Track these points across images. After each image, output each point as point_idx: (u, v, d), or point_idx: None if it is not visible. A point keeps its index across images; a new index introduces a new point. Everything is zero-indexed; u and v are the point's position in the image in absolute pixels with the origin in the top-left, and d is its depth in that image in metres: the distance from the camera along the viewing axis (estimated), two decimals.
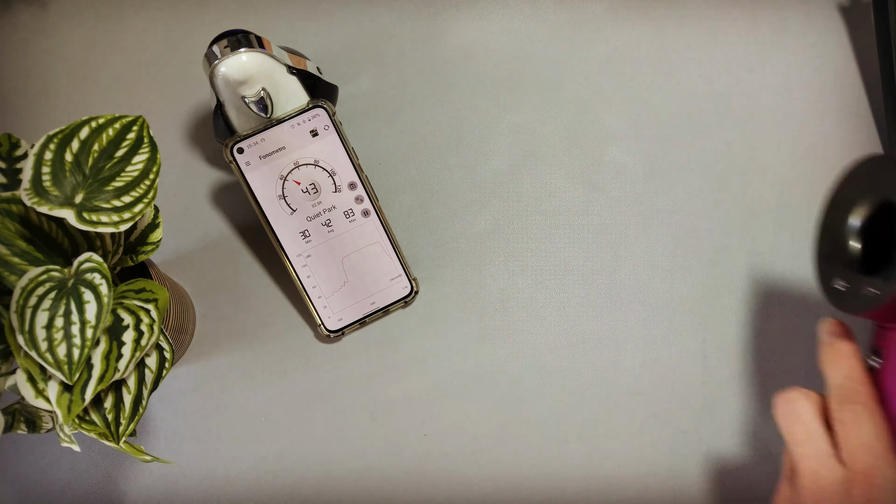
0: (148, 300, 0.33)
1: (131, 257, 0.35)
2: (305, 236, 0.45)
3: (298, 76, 0.43)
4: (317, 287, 0.45)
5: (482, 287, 0.48)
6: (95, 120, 0.32)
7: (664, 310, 0.47)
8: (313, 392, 0.47)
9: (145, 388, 0.33)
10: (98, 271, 0.30)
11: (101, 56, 0.49)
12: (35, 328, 0.28)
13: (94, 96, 0.49)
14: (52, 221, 0.31)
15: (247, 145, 0.43)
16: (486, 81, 0.50)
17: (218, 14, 0.50)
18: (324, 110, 0.44)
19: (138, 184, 0.32)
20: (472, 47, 0.50)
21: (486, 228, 0.49)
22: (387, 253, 0.46)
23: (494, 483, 0.46)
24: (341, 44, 0.50)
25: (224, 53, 0.40)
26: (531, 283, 0.48)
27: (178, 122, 0.49)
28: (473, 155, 0.49)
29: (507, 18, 0.50)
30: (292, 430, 0.47)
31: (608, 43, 0.50)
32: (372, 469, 0.46)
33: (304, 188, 0.44)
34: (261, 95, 0.42)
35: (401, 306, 0.47)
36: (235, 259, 0.48)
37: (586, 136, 0.49)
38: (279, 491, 0.46)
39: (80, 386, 0.30)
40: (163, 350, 0.34)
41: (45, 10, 0.50)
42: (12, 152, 0.33)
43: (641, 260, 0.48)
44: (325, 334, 0.46)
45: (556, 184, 0.49)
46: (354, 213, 0.45)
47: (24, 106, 0.49)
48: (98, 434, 0.32)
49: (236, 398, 0.47)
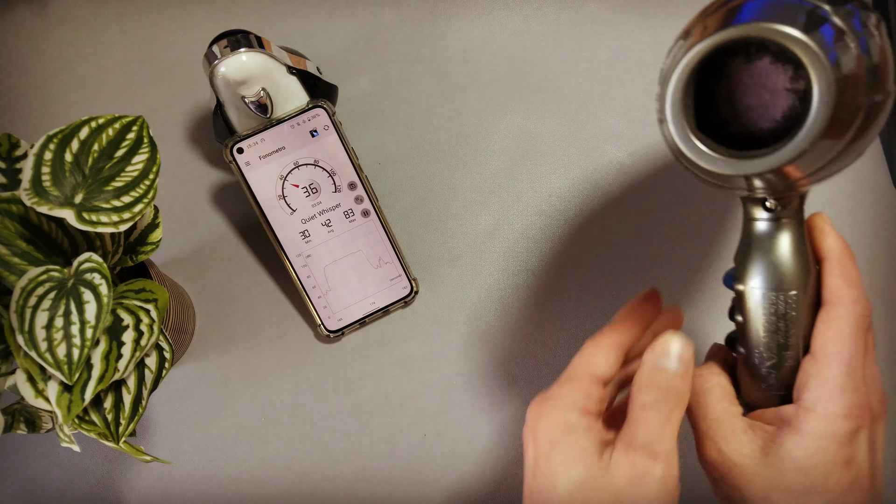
0: (148, 300, 0.33)
1: (131, 257, 0.35)
2: (305, 236, 0.45)
3: (298, 76, 0.43)
4: (317, 287, 0.45)
5: (482, 287, 0.48)
6: (95, 120, 0.32)
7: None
8: (313, 392, 0.47)
9: (145, 388, 0.33)
10: (98, 271, 0.30)
11: (100, 56, 0.49)
12: (35, 328, 0.28)
13: (94, 96, 0.49)
14: (51, 221, 0.31)
15: (247, 145, 0.43)
16: (486, 81, 0.50)
17: (218, 14, 0.50)
18: (324, 110, 0.44)
19: (138, 184, 0.32)
20: (472, 47, 0.50)
21: (486, 228, 0.48)
22: (387, 253, 0.46)
23: (494, 483, 0.46)
24: (341, 44, 0.50)
25: (224, 53, 0.40)
26: (531, 283, 0.48)
27: (178, 122, 0.49)
28: (473, 155, 0.49)
29: (507, 18, 0.50)
30: (292, 430, 0.47)
31: (608, 43, 0.50)
32: (371, 469, 0.46)
33: (303, 188, 0.44)
34: (261, 95, 0.42)
35: (401, 306, 0.47)
36: (235, 259, 0.48)
37: (586, 136, 0.49)
38: (279, 491, 0.46)
39: (79, 386, 0.30)
40: (163, 350, 0.34)
41: (45, 10, 0.50)
42: (12, 152, 0.33)
43: (642, 260, 0.48)
44: (325, 334, 0.46)
45: (556, 184, 0.49)
46: (354, 213, 0.45)
47: (24, 106, 0.49)
48: (98, 434, 0.32)
49: (236, 398, 0.47)
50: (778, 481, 0.27)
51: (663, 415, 0.28)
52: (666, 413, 0.28)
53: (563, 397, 0.30)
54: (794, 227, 0.29)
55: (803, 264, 0.29)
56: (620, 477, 0.27)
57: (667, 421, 0.28)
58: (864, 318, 0.28)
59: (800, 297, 0.29)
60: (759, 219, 0.29)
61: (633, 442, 0.27)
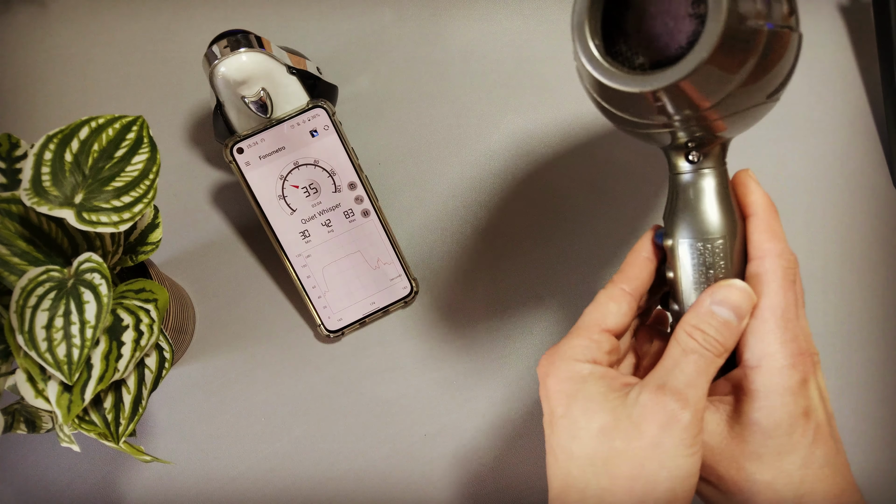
0: (148, 300, 0.33)
1: (131, 257, 0.35)
2: (305, 236, 0.45)
3: (298, 76, 0.43)
4: (317, 287, 0.45)
5: (482, 287, 0.48)
6: (95, 120, 0.32)
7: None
8: (313, 392, 0.47)
9: (145, 388, 0.33)
10: (98, 271, 0.30)
11: (100, 56, 0.49)
12: (35, 328, 0.28)
13: (94, 96, 0.49)
14: (51, 221, 0.31)
15: (247, 145, 0.43)
16: (486, 81, 0.50)
17: (218, 14, 0.50)
18: (324, 110, 0.44)
19: (138, 184, 0.32)
20: (472, 47, 0.50)
21: (486, 228, 0.48)
22: (387, 253, 0.46)
23: (495, 483, 0.46)
24: (341, 44, 0.50)
25: (224, 53, 0.40)
26: (531, 282, 0.48)
27: (178, 122, 0.49)
28: (473, 155, 0.49)
29: (507, 18, 0.50)
30: (292, 430, 0.47)
31: None
32: (371, 469, 0.46)
33: (303, 188, 0.44)
34: (260, 95, 0.42)
35: (401, 306, 0.47)
36: (235, 259, 0.48)
37: (587, 136, 0.49)
38: (279, 491, 0.46)
39: (79, 386, 0.30)
40: (163, 350, 0.34)
41: (45, 10, 0.50)
42: (12, 152, 0.33)
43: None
44: (325, 334, 0.46)
45: (557, 184, 0.49)
46: (354, 213, 0.45)
47: (24, 106, 0.49)
48: (98, 434, 0.32)
49: (236, 398, 0.47)
50: (746, 451, 0.27)
51: (704, 362, 0.27)
52: (707, 361, 0.27)
53: (572, 348, 0.29)
54: (717, 178, 0.29)
55: (728, 213, 0.29)
56: (646, 417, 0.26)
57: (705, 370, 0.26)
58: (791, 271, 0.28)
59: (727, 245, 0.29)
60: (682, 171, 0.30)
61: (667, 384, 0.26)
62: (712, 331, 0.27)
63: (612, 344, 0.30)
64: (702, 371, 0.26)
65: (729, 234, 0.29)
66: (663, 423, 0.26)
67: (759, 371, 0.27)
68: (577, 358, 0.29)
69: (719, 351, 0.27)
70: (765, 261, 0.28)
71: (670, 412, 0.26)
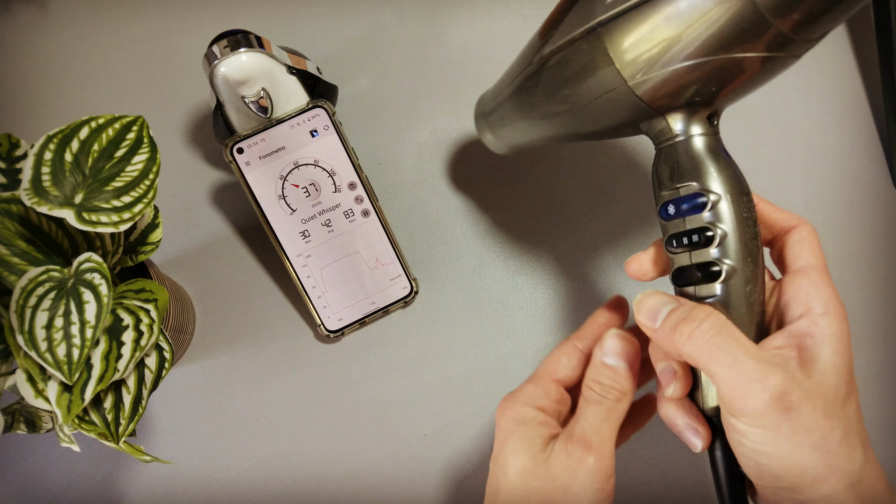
0: (148, 300, 0.33)
1: (131, 257, 0.35)
2: (305, 236, 0.45)
3: (298, 76, 0.43)
4: (317, 287, 0.45)
5: (482, 287, 0.48)
6: (95, 120, 0.32)
7: None
8: (313, 392, 0.47)
9: (145, 388, 0.33)
10: (98, 271, 0.30)
11: (101, 56, 0.49)
12: (35, 328, 0.28)
13: (94, 96, 0.49)
14: (51, 221, 0.31)
15: (247, 145, 0.43)
16: (486, 81, 0.50)
17: (218, 14, 0.50)
18: (324, 110, 0.44)
19: (138, 184, 0.32)
20: (472, 47, 0.50)
21: (486, 228, 0.48)
22: (387, 253, 0.46)
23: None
24: (341, 44, 0.50)
25: (224, 53, 0.40)
26: (531, 282, 0.48)
27: (178, 122, 0.49)
28: (473, 155, 0.49)
29: (507, 18, 0.50)
30: (292, 430, 0.47)
31: None
32: (371, 469, 0.46)
33: (303, 188, 0.44)
34: (261, 95, 0.42)
35: (401, 306, 0.47)
36: (235, 259, 0.48)
37: None
38: (279, 491, 0.46)
39: (79, 386, 0.30)
40: (163, 350, 0.34)
41: (45, 10, 0.50)
42: (12, 152, 0.33)
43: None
44: (325, 334, 0.46)
45: (557, 183, 0.49)
46: (354, 213, 0.45)
47: (24, 106, 0.49)
48: (98, 434, 0.32)
49: (236, 398, 0.47)
50: (824, 394, 0.27)
51: (604, 410, 0.30)
52: (607, 408, 0.30)
53: (524, 393, 0.32)
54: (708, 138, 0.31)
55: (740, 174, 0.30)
56: (557, 464, 0.29)
57: (606, 416, 0.30)
58: (817, 235, 0.31)
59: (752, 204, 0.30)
60: (706, 134, 0.30)
61: (573, 434, 0.29)
62: (606, 380, 0.30)
63: (560, 394, 0.33)
64: (603, 418, 0.30)
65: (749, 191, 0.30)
66: (572, 469, 0.29)
67: (828, 318, 0.28)
68: (526, 402, 0.32)
69: (617, 396, 0.30)
70: (803, 227, 0.31)
71: (577, 458, 0.29)
